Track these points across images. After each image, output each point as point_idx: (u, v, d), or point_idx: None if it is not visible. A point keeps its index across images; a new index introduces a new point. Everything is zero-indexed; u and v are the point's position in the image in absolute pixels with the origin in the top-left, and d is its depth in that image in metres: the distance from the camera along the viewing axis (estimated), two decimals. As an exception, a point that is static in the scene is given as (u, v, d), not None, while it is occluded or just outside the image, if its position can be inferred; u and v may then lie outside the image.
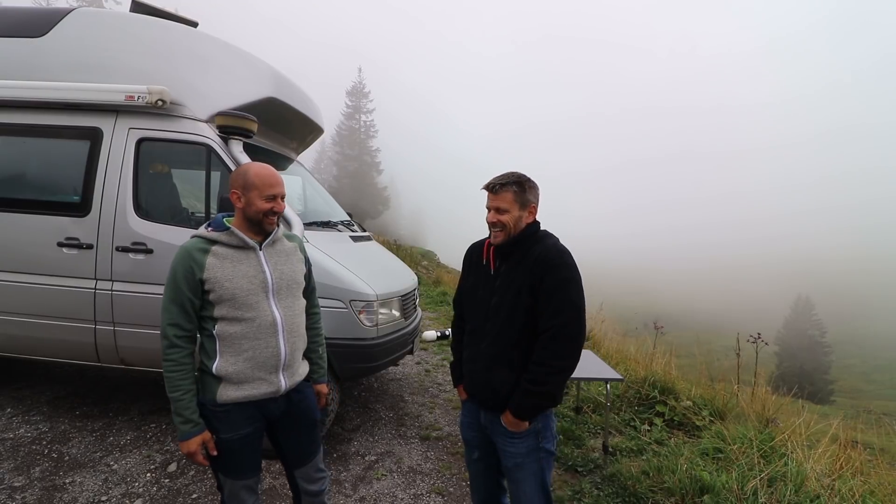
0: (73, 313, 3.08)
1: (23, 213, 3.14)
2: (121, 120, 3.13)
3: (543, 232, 1.75)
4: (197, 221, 3.39)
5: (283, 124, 3.94)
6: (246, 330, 1.58)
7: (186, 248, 1.56)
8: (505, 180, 1.67)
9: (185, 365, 1.54)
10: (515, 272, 1.67)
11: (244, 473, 1.66)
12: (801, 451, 2.91)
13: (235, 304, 1.56)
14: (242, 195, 1.60)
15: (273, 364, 1.63)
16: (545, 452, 1.73)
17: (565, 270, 1.61)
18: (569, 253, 1.66)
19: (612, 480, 2.93)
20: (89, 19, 3.29)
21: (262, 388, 1.62)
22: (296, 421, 1.76)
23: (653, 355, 5.04)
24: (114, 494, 2.58)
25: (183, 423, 1.53)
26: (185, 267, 1.52)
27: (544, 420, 1.72)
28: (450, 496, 2.79)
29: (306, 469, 1.81)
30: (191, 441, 1.53)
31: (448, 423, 3.77)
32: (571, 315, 1.57)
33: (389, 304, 3.27)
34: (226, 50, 3.35)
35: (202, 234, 1.61)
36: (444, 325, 7.28)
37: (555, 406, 1.69)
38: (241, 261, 1.60)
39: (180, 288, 1.52)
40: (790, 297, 46.27)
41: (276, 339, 1.63)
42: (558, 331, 1.56)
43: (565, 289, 1.59)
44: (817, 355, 38.59)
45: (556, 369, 1.58)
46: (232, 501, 1.67)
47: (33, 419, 3.35)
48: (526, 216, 1.69)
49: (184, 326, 1.54)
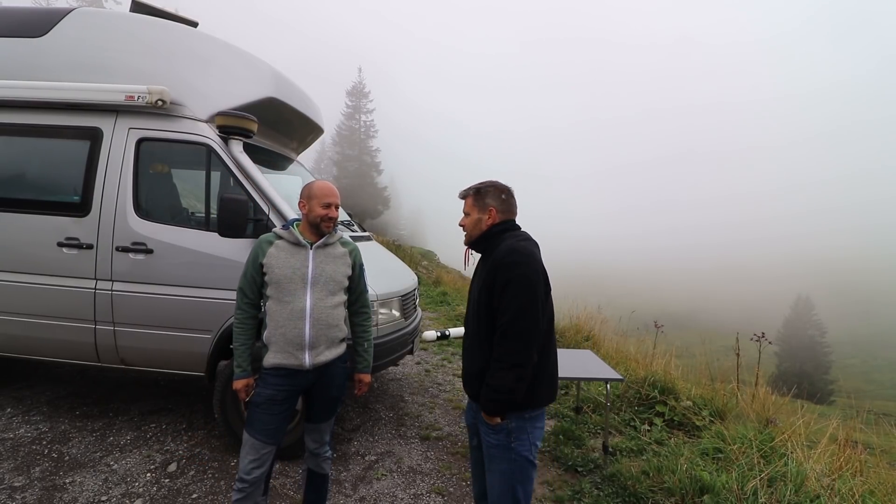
0: (73, 313, 3.08)
1: (23, 213, 3.14)
2: (121, 120, 3.13)
3: (511, 234, 1.81)
4: (197, 221, 3.39)
5: (283, 124, 3.94)
6: (283, 310, 1.95)
7: (261, 238, 2.02)
8: (468, 188, 1.91)
9: (245, 324, 2.02)
10: (481, 271, 1.83)
11: (256, 432, 1.96)
12: (800, 451, 2.91)
13: (279, 287, 1.95)
14: (307, 203, 2.00)
15: (298, 343, 1.96)
16: (517, 455, 1.72)
17: (509, 270, 1.66)
18: (521, 252, 1.69)
19: (612, 480, 2.93)
20: (89, 19, 3.29)
21: (289, 360, 1.96)
22: (319, 391, 2.11)
23: (653, 355, 5.04)
24: (114, 494, 2.58)
25: (236, 367, 2.02)
26: (255, 251, 2.00)
27: (518, 421, 1.72)
28: (450, 496, 2.79)
29: (314, 428, 2.15)
30: (238, 381, 2.03)
31: (448, 423, 3.77)
32: (516, 314, 1.62)
33: (389, 304, 3.27)
34: (226, 50, 3.35)
35: (276, 230, 2.05)
36: (444, 325, 7.28)
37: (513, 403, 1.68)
38: (294, 255, 1.98)
39: (248, 265, 2.00)
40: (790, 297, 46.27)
41: (303, 322, 1.96)
42: (505, 328, 1.63)
43: (508, 288, 1.64)
44: (817, 355, 38.58)
45: (506, 365, 1.62)
46: (241, 454, 1.99)
47: (33, 419, 3.35)
48: (486, 218, 1.83)
49: (247, 294, 2.02)
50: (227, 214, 2.70)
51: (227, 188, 3.28)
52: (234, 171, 3.01)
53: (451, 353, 5.76)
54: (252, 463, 1.95)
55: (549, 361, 1.77)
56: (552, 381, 1.79)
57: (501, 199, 1.85)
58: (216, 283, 2.96)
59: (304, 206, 2.00)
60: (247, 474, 1.95)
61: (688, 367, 5.04)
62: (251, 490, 1.97)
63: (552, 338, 1.80)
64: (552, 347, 1.79)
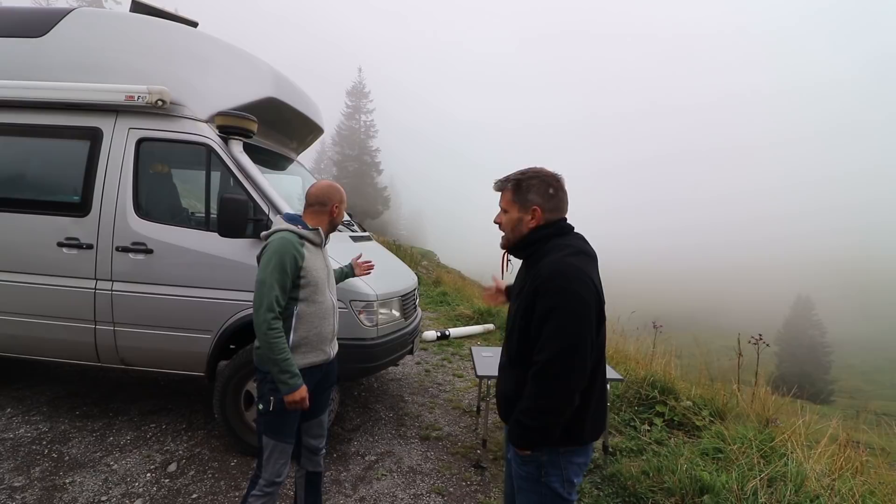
0: (73, 313, 3.08)
1: (23, 213, 3.14)
2: (121, 120, 3.12)
3: (559, 242, 1.47)
4: (197, 221, 3.39)
5: (283, 124, 3.94)
6: (318, 310, 1.97)
7: (290, 241, 1.85)
8: (505, 177, 1.55)
9: (283, 333, 1.87)
10: (523, 285, 1.49)
11: (286, 436, 1.96)
12: (800, 451, 2.91)
13: (316, 289, 1.95)
14: (338, 208, 2.04)
15: (329, 338, 2.06)
16: (548, 490, 1.47)
17: (552, 297, 1.34)
18: (568, 274, 1.36)
19: (612, 480, 2.93)
20: (89, 19, 3.30)
21: (321, 357, 2.02)
22: (324, 381, 2.13)
23: (653, 355, 5.03)
24: (114, 494, 2.58)
25: (291, 378, 1.83)
26: (292, 255, 1.83)
27: (551, 454, 1.46)
28: (450, 496, 2.79)
29: (313, 424, 2.15)
30: (301, 389, 1.86)
31: (448, 423, 3.77)
32: (557, 355, 1.32)
33: (389, 304, 3.27)
34: (226, 50, 3.35)
35: (295, 230, 1.91)
36: (444, 325, 7.28)
37: (548, 444, 1.43)
38: (317, 255, 1.99)
39: (286, 271, 1.82)
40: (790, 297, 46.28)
41: (332, 318, 2.06)
42: (541, 368, 1.34)
43: (549, 320, 1.33)
44: (817, 355, 38.62)
45: (539, 409, 1.35)
46: (269, 460, 1.94)
47: (33, 419, 3.35)
48: (528, 219, 1.49)
49: (281, 303, 1.86)
50: (227, 214, 2.70)
51: (227, 188, 3.28)
52: (234, 171, 3.01)
53: (450, 353, 5.76)
54: (283, 465, 1.98)
55: (593, 398, 1.45)
56: (597, 417, 1.49)
57: (548, 195, 1.49)
58: (216, 284, 2.96)
59: (336, 209, 2.04)
60: (278, 476, 1.97)
61: (688, 368, 5.04)
62: (276, 491, 2.00)
63: (601, 368, 1.48)
64: (599, 381, 1.47)
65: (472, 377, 4.85)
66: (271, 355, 1.82)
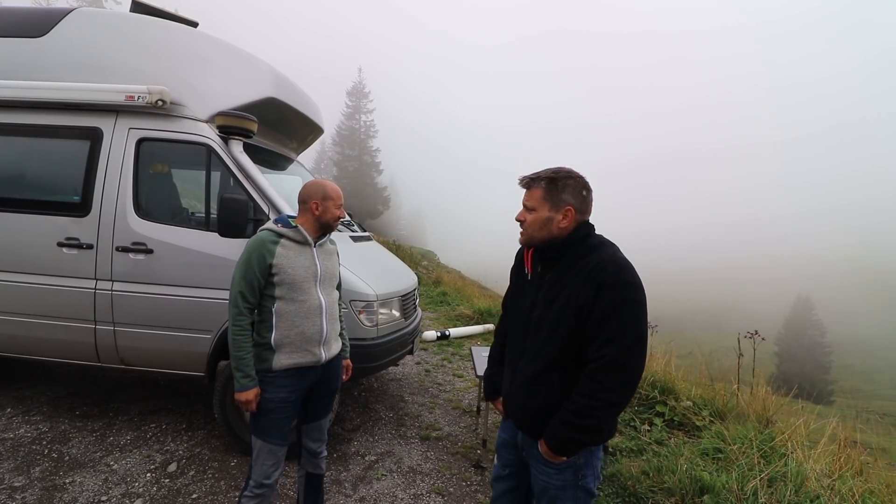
0: (73, 313, 3.08)
1: (23, 213, 3.14)
2: (121, 120, 3.12)
3: (598, 238, 1.49)
4: (197, 221, 3.39)
5: (283, 124, 3.94)
6: (298, 309, 1.93)
7: (261, 238, 1.90)
8: (535, 174, 1.52)
9: (248, 330, 1.89)
10: (562, 286, 1.45)
11: (273, 437, 1.96)
12: (801, 452, 2.91)
13: (293, 287, 1.91)
14: (320, 204, 1.97)
15: (317, 339, 1.99)
16: (584, 492, 1.48)
17: (622, 291, 1.36)
18: (631, 268, 1.39)
19: (612, 480, 2.92)
20: (89, 19, 3.29)
21: (307, 358, 1.97)
22: (322, 386, 2.11)
23: (652, 355, 5.03)
24: (114, 494, 2.58)
25: (243, 378, 1.86)
26: (259, 252, 1.86)
27: (587, 455, 1.47)
28: (450, 496, 2.79)
29: (312, 427, 2.16)
30: (249, 392, 1.87)
31: (448, 423, 3.77)
32: (629, 344, 1.34)
33: (389, 304, 3.27)
34: (226, 50, 3.35)
35: (273, 228, 1.93)
36: (444, 325, 7.28)
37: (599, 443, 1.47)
38: (301, 253, 1.95)
39: (252, 268, 1.85)
40: (790, 297, 46.28)
41: (320, 319, 1.99)
42: (612, 361, 1.33)
43: (623, 312, 1.35)
44: (817, 355, 38.62)
45: (605, 403, 1.35)
46: (257, 461, 1.97)
47: (33, 419, 3.35)
48: (560, 219, 1.47)
49: (248, 299, 1.87)
50: (227, 214, 2.70)
51: (227, 188, 3.28)
52: (234, 171, 3.01)
53: (450, 353, 5.76)
54: (272, 467, 1.97)
55: None
56: None
57: (582, 197, 1.48)
58: (216, 284, 2.96)
59: (317, 206, 1.97)
60: (266, 478, 1.96)
61: (688, 367, 5.04)
62: (269, 493, 1.99)
63: None
64: None
65: (472, 377, 4.85)
66: (231, 350, 1.87)
